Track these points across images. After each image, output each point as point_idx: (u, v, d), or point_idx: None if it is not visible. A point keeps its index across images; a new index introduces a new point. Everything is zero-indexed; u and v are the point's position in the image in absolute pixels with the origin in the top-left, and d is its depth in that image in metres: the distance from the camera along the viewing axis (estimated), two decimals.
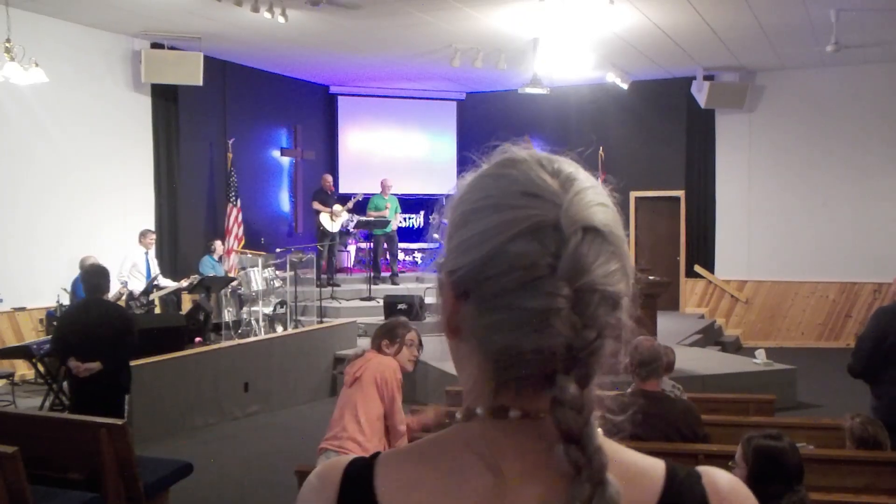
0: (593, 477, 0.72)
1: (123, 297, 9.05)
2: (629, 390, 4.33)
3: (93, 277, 5.90)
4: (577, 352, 0.73)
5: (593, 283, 0.74)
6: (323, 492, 0.83)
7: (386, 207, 12.57)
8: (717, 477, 0.84)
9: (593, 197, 0.78)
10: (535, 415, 0.76)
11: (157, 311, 9.85)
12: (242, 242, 11.72)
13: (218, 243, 10.96)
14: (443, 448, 0.81)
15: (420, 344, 4.08)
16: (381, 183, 12.73)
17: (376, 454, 0.85)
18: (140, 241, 9.77)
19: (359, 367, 3.91)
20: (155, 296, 9.69)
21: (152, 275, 9.73)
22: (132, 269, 9.56)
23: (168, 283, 9.90)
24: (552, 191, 0.77)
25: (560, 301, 0.73)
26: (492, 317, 0.75)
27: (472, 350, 0.79)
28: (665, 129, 13.36)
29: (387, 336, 3.99)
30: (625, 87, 12.44)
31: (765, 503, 2.76)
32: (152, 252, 9.95)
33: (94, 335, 5.56)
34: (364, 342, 8.08)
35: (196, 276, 10.18)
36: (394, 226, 12.64)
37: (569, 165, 0.81)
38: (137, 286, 9.46)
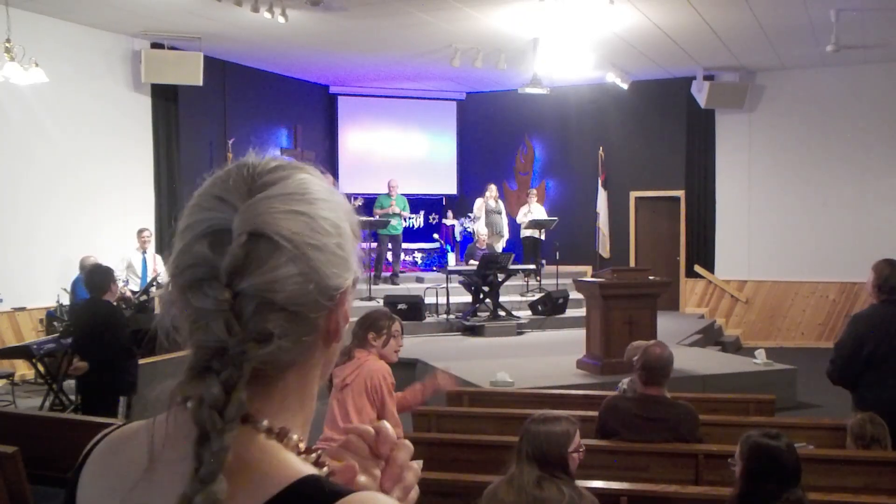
0: (205, 474, 0.73)
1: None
2: (630, 392, 4.34)
3: (94, 277, 5.92)
4: (229, 354, 0.75)
5: (253, 289, 0.76)
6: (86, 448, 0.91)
7: (391, 206, 12.54)
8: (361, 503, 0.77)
9: (282, 204, 0.79)
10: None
11: (157, 311, 9.83)
12: None
13: None
14: (136, 433, 0.87)
15: (402, 333, 4.09)
16: (388, 183, 12.71)
17: (116, 427, 0.92)
18: (137, 241, 9.75)
19: (350, 373, 3.88)
20: (155, 294, 9.66)
21: (151, 274, 9.70)
22: (128, 269, 9.54)
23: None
24: (240, 195, 0.79)
25: (219, 303, 0.75)
26: (182, 308, 0.79)
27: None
28: (665, 129, 13.37)
29: (372, 328, 3.93)
30: (625, 87, 12.44)
31: (760, 502, 2.76)
32: (151, 251, 9.92)
33: (86, 334, 5.60)
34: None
35: None
36: (400, 223, 12.64)
37: (287, 171, 0.83)
38: (135, 287, 9.45)
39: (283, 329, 0.77)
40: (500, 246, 12.89)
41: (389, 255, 12.65)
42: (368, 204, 12.78)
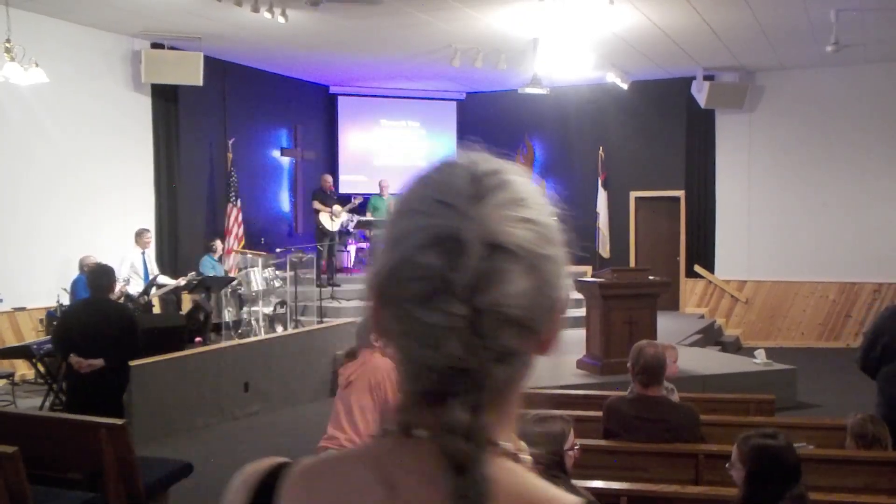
0: None
1: (122, 298, 9.05)
2: (630, 395, 4.33)
3: (98, 276, 5.92)
4: (471, 375, 0.70)
5: (495, 304, 0.70)
6: (240, 494, 0.83)
7: (389, 206, 12.54)
8: None
9: (514, 211, 0.73)
10: (437, 431, 0.73)
11: (156, 310, 9.85)
12: (242, 242, 11.72)
13: (218, 243, 10.95)
14: (351, 463, 0.80)
15: None
16: (379, 184, 12.73)
17: (296, 460, 0.84)
18: (136, 242, 9.74)
19: (352, 371, 3.90)
20: (154, 295, 9.68)
21: (150, 274, 9.71)
22: (130, 269, 9.55)
23: (167, 282, 9.89)
24: (467, 200, 0.72)
25: (455, 320, 0.69)
26: (400, 325, 0.73)
27: (395, 355, 0.76)
28: (665, 129, 13.36)
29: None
30: (625, 87, 12.44)
31: (765, 502, 2.76)
32: (150, 251, 9.94)
33: (98, 334, 5.58)
34: None
35: (193, 273, 10.17)
36: None
37: (505, 173, 0.76)
38: (136, 287, 9.46)
39: (520, 345, 0.72)
40: None
41: None
42: (366, 203, 12.78)
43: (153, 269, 9.85)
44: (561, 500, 0.76)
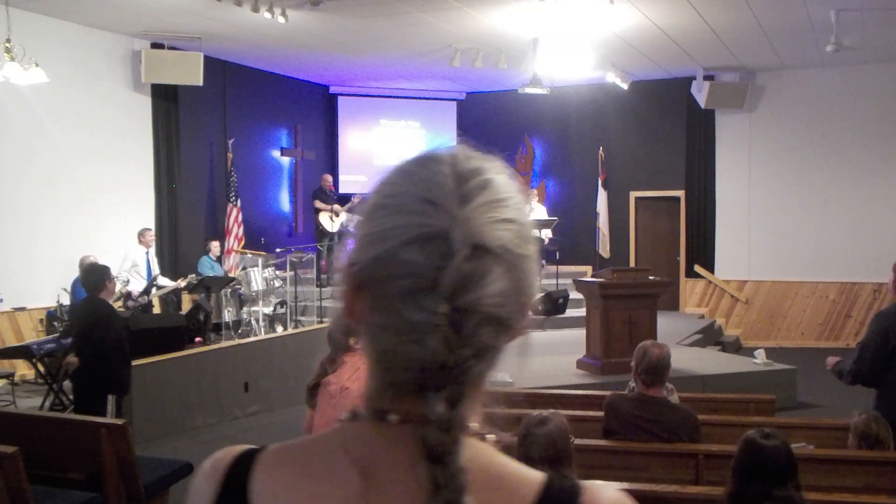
0: (450, 498, 0.71)
1: (121, 298, 9.06)
2: (630, 394, 4.34)
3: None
4: (451, 370, 0.72)
5: (475, 303, 0.72)
6: (210, 480, 0.83)
7: None
8: (599, 494, 0.81)
9: (497, 212, 0.75)
10: (414, 421, 0.74)
11: (157, 310, 9.85)
12: (242, 242, 11.72)
13: (214, 243, 10.95)
14: (322, 448, 0.81)
15: None
16: None
17: (264, 447, 0.85)
18: (139, 241, 9.76)
19: (348, 377, 3.77)
20: (154, 295, 9.69)
21: (153, 274, 9.73)
22: (132, 268, 9.55)
23: (167, 283, 9.90)
24: (452, 199, 0.74)
25: (437, 318, 0.71)
26: (379, 317, 0.75)
27: (367, 344, 0.78)
28: (665, 129, 13.37)
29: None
30: (625, 87, 12.44)
31: (750, 499, 2.77)
32: (152, 251, 9.95)
33: (82, 332, 5.65)
34: None
35: (193, 275, 10.18)
36: None
37: (487, 171, 0.78)
38: (137, 286, 9.46)
39: (495, 341, 0.75)
40: None
41: None
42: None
43: (155, 268, 9.86)
44: (525, 476, 0.80)
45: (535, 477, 0.80)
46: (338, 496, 0.77)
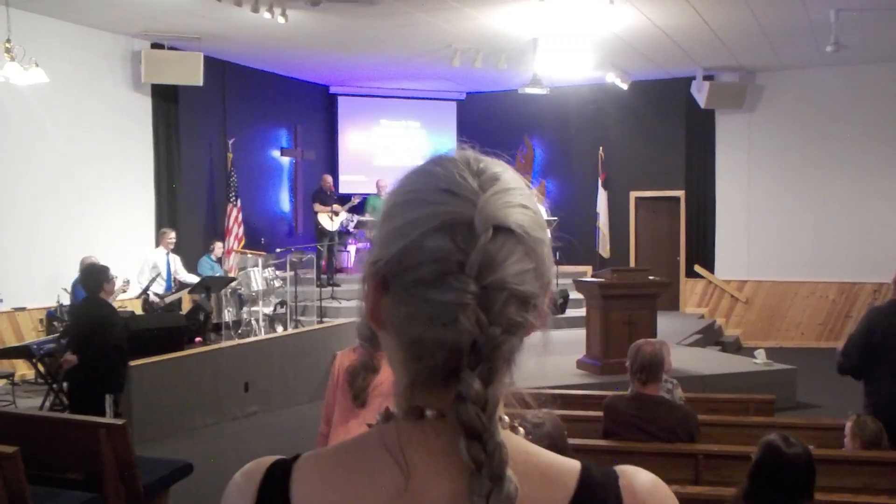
0: (493, 473, 0.73)
1: (127, 296, 9.08)
2: (627, 394, 4.33)
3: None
4: (482, 348, 0.74)
5: (502, 282, 0.75)
6: (246, 491, 0.85)
7: None
8: (635, 478, 0.84)
9: (512, 198, 0.79)
10: (448, 409, 0.76)
11: (187, 308, 9.92)
12: (242, 242, 11.72)
13: (218, 244, 10.95)
14: (360, 449, 0.83)
15: None
16: (377, 184, 12.71)
17: (298, 455, 0.86)
18: (160, 242, 9.81)
19: (380, 385, 3.70)
20: (174, 296, 9.69)
21: (173, 274, 9.77)
22: (152, 269, 9.56)
23: (188, 279, 9.93)
24: (471, 189, 0.78)
25: (467, 297, 0.74)
26: (406, 308, 0.77)
27: (393, 341, 0.80)
28: (665, 129, 13.36)
29: None
30: (625, 87, 12.44)
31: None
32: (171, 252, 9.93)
33: (81, 332, 5.67)
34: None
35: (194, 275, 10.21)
36: None
37: (496, 167, 0.83)
38: (159, 288, 9.51)
39: (523, 318, 0.77)
40: None
41: None
42: (364, 203, 12.75)
43: (180, 269, 9.88)
44: (563, 464, 0.83)
45: (572, 465, 0.83)
46: (381, 492, 0.78)
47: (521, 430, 0.83)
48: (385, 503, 0.77)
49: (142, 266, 9.41)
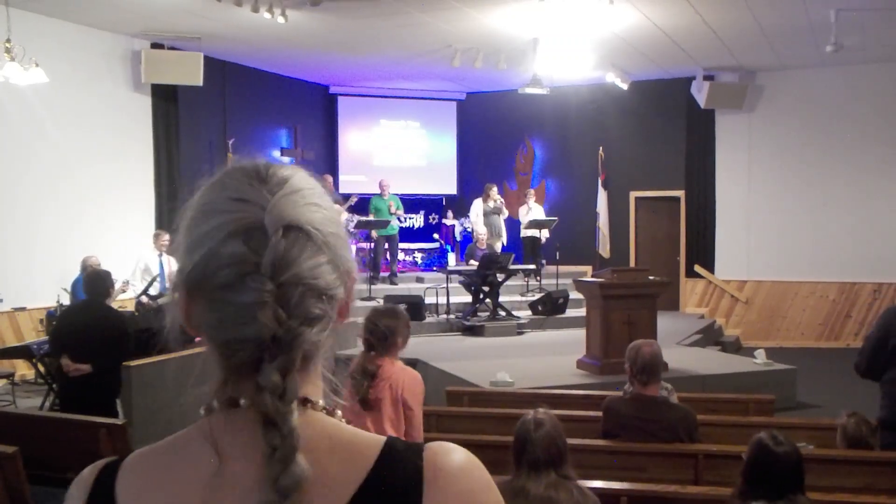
0: (284, 457, 0.77)
1: (126, 296, 9.05)
2: (627, 395, 4.34)
3: (92, 281, 5.96)
4: (281, 341, 0.79)
5: (296, 277, 0.80)
6: (77, 495, 0.90)
7: (389, 206, 12.48)
8: (445, 455, 0.85)
9: (301, 198, 0.84)
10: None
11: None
12: None
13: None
14: (183, 441, 0.88)
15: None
16: (380, 184, 12.70)
17: (126, 456, 0.91)
18: (154, 244, 9.74)
19: (382, 388, 3.68)
20: (168, 298, 9.65)
21: (168, 276, 9.70)
22: (144, 272, 9.52)
23: None
24: (259, 195, 0.82)
25: (265, 295, 0.79)
26: (213, 313, 0.82)
27: (207, 343, 0.85)
28: (665, 129, 13.37)
29: (400, 335, 3.72)
30: (625, 87, 12.44)
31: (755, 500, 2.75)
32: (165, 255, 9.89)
33: (88, 337, 5.61)
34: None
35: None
36: (396, 223, 12.60)
37: (285, 171, 0.87)
38: (153, 289, 9.46)
39: (322, 310, 0.82)
40: (499, 246, 12.87)
41: (387, 255, 12.63)
42: (364, 203, 12.72)
43: (172, 270, 9.79)
44: (367, 439, 0.86)
45: (377, 439, 0.87)
46: (196, 479, 0.83)
47: (339, 412, 0.87)
48: (198, 489, 0.82)
49: (134, 267, 9.36)
